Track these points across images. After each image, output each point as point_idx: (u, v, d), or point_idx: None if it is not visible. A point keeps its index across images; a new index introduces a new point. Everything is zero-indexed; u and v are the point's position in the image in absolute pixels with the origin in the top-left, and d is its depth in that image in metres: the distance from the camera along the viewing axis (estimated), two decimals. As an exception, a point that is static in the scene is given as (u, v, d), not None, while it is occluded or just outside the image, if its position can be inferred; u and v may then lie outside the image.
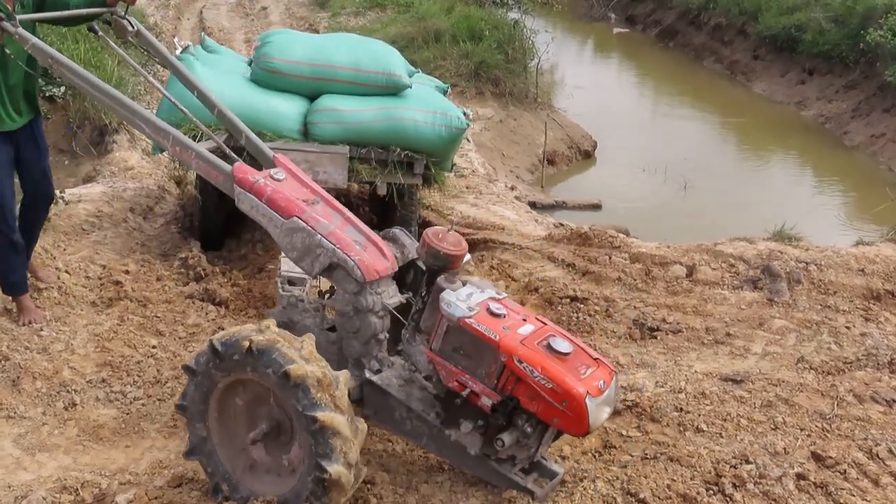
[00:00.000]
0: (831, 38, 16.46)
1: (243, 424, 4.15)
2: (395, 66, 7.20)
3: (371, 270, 4.39)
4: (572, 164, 13.36)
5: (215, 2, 19.93)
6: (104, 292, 6.44)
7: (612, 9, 24.64)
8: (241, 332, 3.97)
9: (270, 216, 4.57)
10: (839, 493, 4.47)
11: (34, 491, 4.38)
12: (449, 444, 4.29)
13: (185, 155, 4.84)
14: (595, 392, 3.98)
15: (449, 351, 4.24)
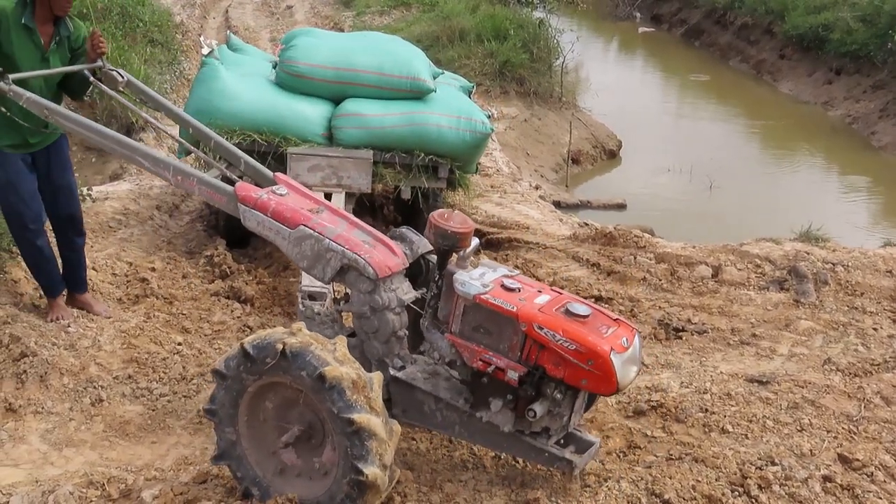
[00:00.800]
0: (859, 38, 16.35)
1: (273, 428, 4.15)
2: (420, 71, 7.19)
3: (382, 267, 4.40)
4: (597, 163, 13.33)
5: (241, 1, 20.01)
6: (131, 289, 6.49)
7: (637, 8, 24.57)
8: (272, 334, 3.97)
9: (277, 229, 4.59)
10: (866, 495, 4.44)
11: (61, 486, 4.41)
12: (481, 428, 4.29)
13: (188, 182, 4.87)
14: (619, 349, 3.99)
15: (469, 331, 4.25)
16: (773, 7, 19.26)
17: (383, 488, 3.95)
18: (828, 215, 9.53)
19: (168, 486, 4.39)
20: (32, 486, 4.46)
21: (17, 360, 5.46)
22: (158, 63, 11.78)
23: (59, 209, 5.97)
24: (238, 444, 4.17)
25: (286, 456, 4.16)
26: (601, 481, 4.42)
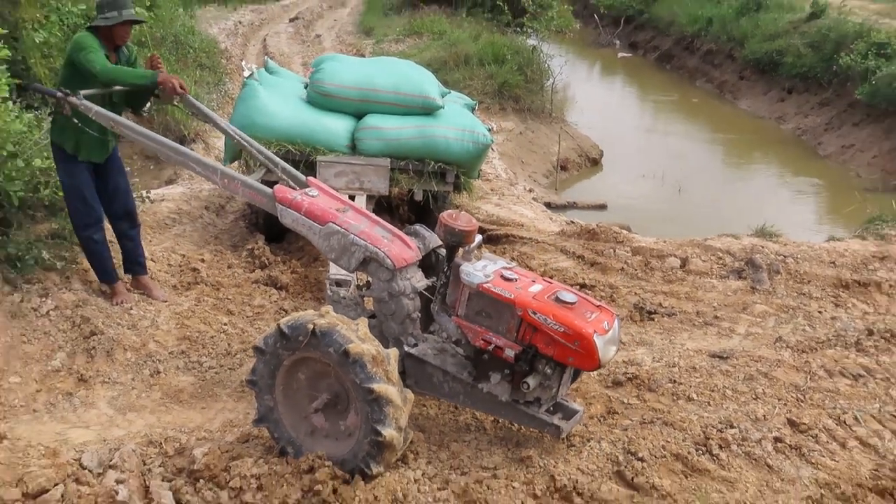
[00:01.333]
0: (808, 62, 16.28)
1: (305, 396, 4.20)
2: (430, 91, 7.24)
3: (399, 258, 4.47)
4: (582, 170, 13.31)
5: (277, 31, 19.99)
6: (183, 277, 6.52)
7: (617, 36, 24.48)
8: (304, 316, 4.03)
9: (310, 225, 4.66)
10: (811, 454, 4.46)
11: (125, 444, 4.44)
12: (482, 397, 4.37)
13: (233, 185, 4.95)
14: (601, 331, 4.08)
15: (473, 314, 4.33)
16: (734, 35, 19.18)
17: (399, 447, 4.00)
18: (780, 214, 9.52)
19: (215, 445, 4.42)
20: (101, 445, 4.49)
21: (87, 337, 5.50)
22: (206, 84, 11.80)
23: (117, 207, 6.06)
24: (275, 410, 4.22)
25: (316, 420, 4.21)
26: (584, 441, 4.44)
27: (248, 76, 7.43)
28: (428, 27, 17.72)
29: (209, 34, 15.50)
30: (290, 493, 4.11)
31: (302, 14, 22.18)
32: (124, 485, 4.15)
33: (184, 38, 12.58)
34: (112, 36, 5.67)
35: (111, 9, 5.59)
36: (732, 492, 4.10)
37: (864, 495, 4.16)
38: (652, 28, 23.81)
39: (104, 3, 5.62)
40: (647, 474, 4.20)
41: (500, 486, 4.09)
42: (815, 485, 4.23)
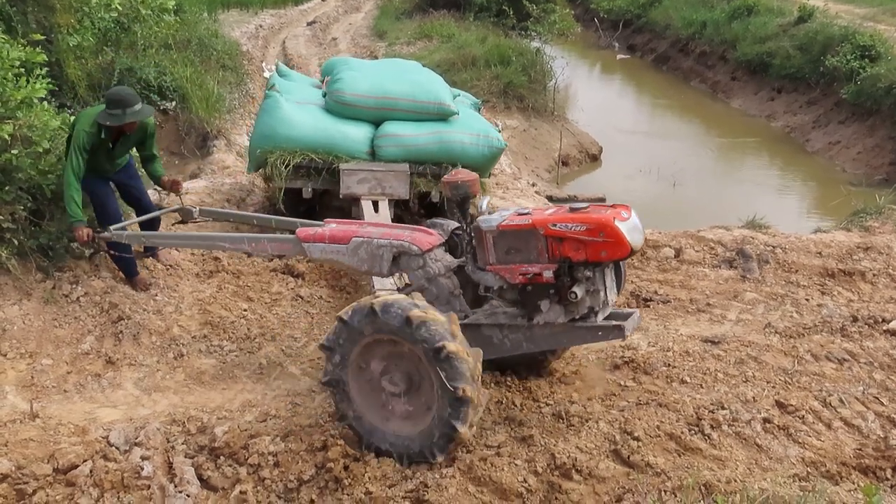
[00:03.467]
0: (796, 63, 16.13)
1: (378, 366, 4.16)
2: (444, 97, 7.21)
3: (424, 242, 4.55)
4: (582, 165, 13.23)
5: (295, 34, 19.92)
6: (206, 266, 6.49)
7: (616, 39, 24.32)
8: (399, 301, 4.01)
9: (336, 249, 4.72)
10: (798, 434, 4.43)
11: (150, 423, 4.45)
12: (542, 333, 4.35)
13: (261, 245, 5.04)
14: (621, 219, 4.08)
15: (503, 255, 4.33)
16: (727, 38, 19.01)
17: (478, 402, 3.99)
18: (769, 207, 9.42)
19: (235, 424, 4.42)
20: (127, 423, 4.50)
21: (115, 322, 5.50)
22: (228, 84, 11.75)
23: (135, 202, 6.16)
24: (344, 377, 4.16)
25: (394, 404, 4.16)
26: (583, 422, 4.42)
27: (269, 76, 7.39)
28: (437, 30, 17.63)
29: (232, 37, 15.43)
30: (305, 469, 4.12)
31: (319, 18, 22.10)
32: (149, 461, 4.16)
33: (207, 41, 12.50)
34: (118, 128, 5.71)
35: (116, 107, 5.62)
36: (723, 469, 4.07)
37: (847, 473, 4.13)
38: (649, 31, 23.63)
39: (112, 99, 5.66)
40: (642, 453, 4.17)
41: (503, 464, 4.07)
42: (802, 463, 4.20)
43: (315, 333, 5.66)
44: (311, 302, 6.05)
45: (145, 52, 10.14)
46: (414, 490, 3.92)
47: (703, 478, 3.93)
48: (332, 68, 7.83)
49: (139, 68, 9.66)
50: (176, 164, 9.61)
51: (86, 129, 5.60)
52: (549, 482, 3.98)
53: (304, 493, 4.02)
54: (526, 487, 3.93)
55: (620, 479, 4.00)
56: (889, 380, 4.95)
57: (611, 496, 3.90)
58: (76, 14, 8.57)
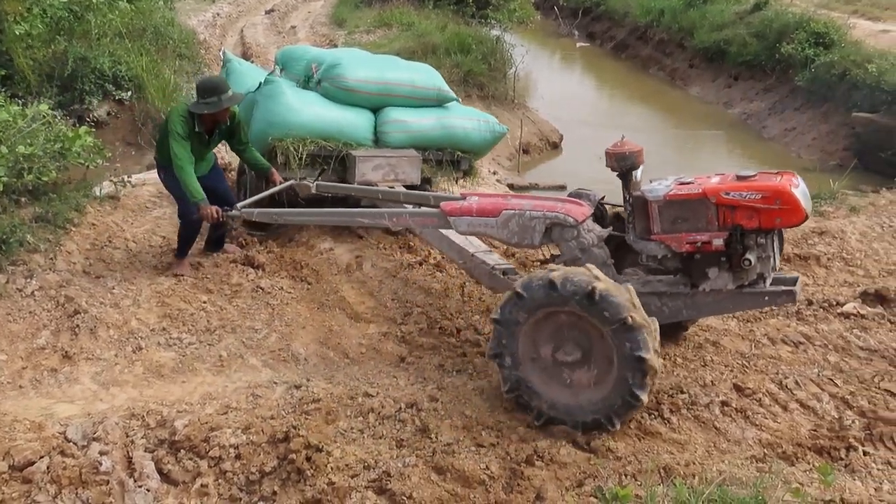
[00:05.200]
0: (752, 50, 16.32)
1: (548, 341, 4.22)
2: (441, 83, 7.28)
3: (578, 213, 4.62)
4: (543, 153, 13.28)
5: (253, 22, 19.70)
6: (164, 258, 6.40)
7: (575, 27, 24.42)
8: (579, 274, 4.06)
9: (485, 222, 4.79)
10: (755, 416, 4.50)
11: (108, 417, 4.39)
12: (706, 299, 4.42)
13: (402, 220, 5.24)
14: (794, 186, 4.16)
15: (669, 225, 4.39)
16: (684, 25, 19.17)
17: (658, 369, 4.04)
18: (727, 193, 9.54)
19: (195, 417, 4.38)
20: (85, 418, 4.42)
21: (71, 316, 5.41)
22: (185, 73, 11.58)
23: (221, 203, 5.99)
24: (513, 346, 4.20)
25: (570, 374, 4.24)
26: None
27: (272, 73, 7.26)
28: (397, 18, 17.54)
29: (188, 25, 15.22)
30: (267, 461, 4.10)
31: (277, 6, 21.87)
32: (108, 456, 4.11)
33: (163, 30, 12.30)
34: (212, 117, 5.83)
35: (211, 94, 5.76)
36: (682, 453, 4.12)
37: (803, 454, 4.21)
38: (608, 19, 23.76)
39: (205, 88, 5.77)
40: (602, 438, 4.21)
41: (465, 451, 4.07)
42: (759, 445, 4.27)
43: (276, 325, 5.61)
44: (272, 293, 6.00)
45: (99, 41, 9.95)
46: (377, 479, 3.91)
47: (662, 461, 3.98)
48: (290, 57, 7.75)
49: (93, 58, 9.47)
50: (133, 156, 9.47)
51: (181, 119, 5.71)
52: (511, 469, 4.00)
53: (266, 485, 4.00)
54: (488, 475, 3.95)
55: (582, 465, 4.04)
56: (843, 362, 5.04)
57: (572, 481, 3.94)
58: (24, 1, 8.39)
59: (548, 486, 3.88)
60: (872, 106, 12.33)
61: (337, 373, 5.01)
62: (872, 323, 5.50)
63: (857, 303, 5.74)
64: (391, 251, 6.81)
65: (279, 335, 5.51)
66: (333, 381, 4.79)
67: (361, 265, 6.49)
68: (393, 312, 5.92)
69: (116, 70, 9.70)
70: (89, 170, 7.18)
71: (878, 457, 4.21)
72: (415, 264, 6.63)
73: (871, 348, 5.16)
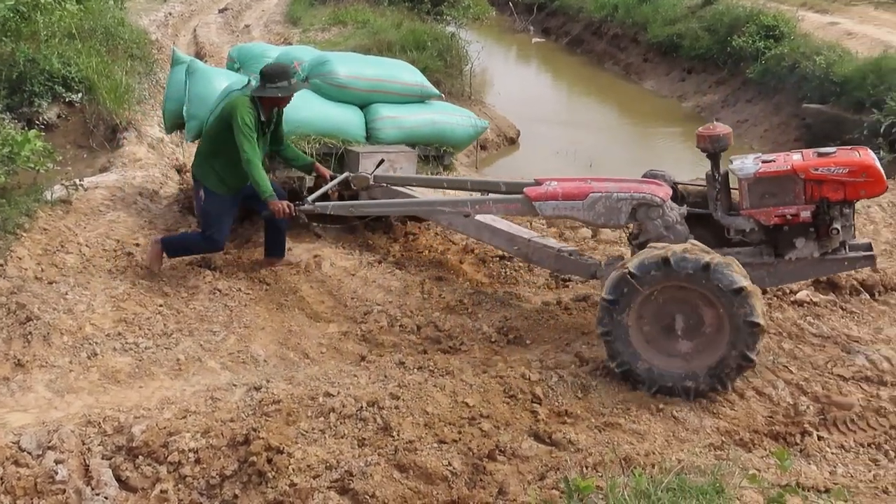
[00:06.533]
0: (705, 44, 16.51)
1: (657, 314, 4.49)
2: (424, 80, 7.42)
3: (662, 193, 4.95)
4: (500, 149, 13.32)
5: (206, 21, 19.48)
6: (118, 262, 6.30)
7: (531, 22, 24.51)
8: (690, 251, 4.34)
9: (572, 205, 5.05)
10: (713, 405, 4.57)
11: (63, 426, 4.31)
12: (790, 268, 4.86)
13: (485, 207, 5.45)
14: (875, 160, 4.62)
15: (758, 200, 4.75)
16: (638, 20, 19.33)
17: (766, 330, 4.46)
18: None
19: (153, 422, 4.32)
20: (39, 427, 4.34)
21: (23, 323, 5.29)
22: (138, 74, 11.39)
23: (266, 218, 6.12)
24: (624, 322, 4.44)
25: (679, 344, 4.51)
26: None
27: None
28: (352, 16, 17.47)
29: (140, 25, 14.97)
30: (227, 464, 4.07)
31: (231, 5, 21.64)
32: (63, 465, 4.05)
33: (114, 30, 12.09)
34: (275, 103, 5.83)
35: (281, 79, 5.72)
36: (642, 443, 4.16)
37: (760, 440, 4.28)
38: (563, 14, 23.87)
39: (274, 72, 5.75)
40: (564, 430, 4.23)
41: (427, 448, 4.07)
42: (717, 433, 4.33)
43: (234, 326, 5.56)
44: (230, 294, 5.94)
45: (48, 42, 9.74)
46: (339, 479, 3.90)
47: (623, 452, 4.01)
48: (248, 55, 7.68)
49: (42, 59, 9.28)
50: (84, 158, 9.28)
51: (248, 110, 5.65)
52: (473, 464, 4.00)
53: (228, 489, 3.96)
54: (451, 471, 3.95)
55: (544, 458, 4.06)
56: (797, 349, 5.12)
57: (535, 475, 3.95)
58: (-33, 3, 8.21)
59: (510, 480, 3.90)
60: (822, 97, 12.55)
61: (297, 373, 4.97)
62: (825, 310, 5.59)
63: (810, 290, 5.83)
64: (350, 250, 6.78)
65: (238, 337, 5.45)
66: (294, 382, 4.75)
67: (320, 265, 6.45)
68: (353, 311, 5.90)
69: (66, 71, 9.51)
70: (40, 174, 7.04)
71: (832, 441, 4.30)
72: (374, 262, 6.61)
73: (823, 335, 5.25)
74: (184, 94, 7.15)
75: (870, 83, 11.64)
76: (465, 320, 5.72)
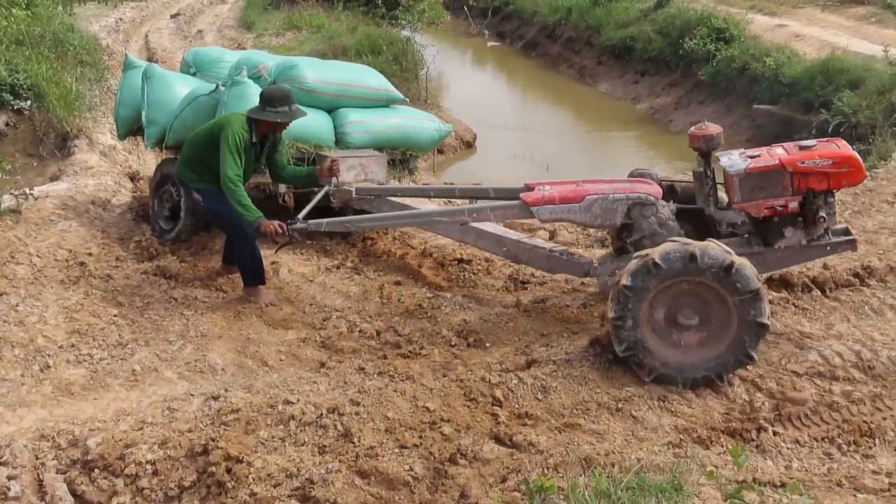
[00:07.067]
0: (657, 47, 16.74)
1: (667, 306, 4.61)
2: (389, 84, 7.46)
3: (654, 191, 5.12)
4: (457, 152, 13.35)
5: (158, 27, 19.25)
6: (71, 272, 6.19)
7: (485, 26, 24.63)
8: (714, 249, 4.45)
9: (569, 208, 5.19)
10: (671, 403, 4.59)
11: (16, 440, 4.22)
12: (777, 256, 5.11)
13: (483, 215, 5.47)
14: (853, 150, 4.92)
15: (748, 194, 4.97)
16: (591, 24, 19.53)
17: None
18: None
19: (109, 434, 4.25)
20: (-9, 443, 4.23)
21: (-28, 337, 5.17)
22: (88, 81, 11.22)
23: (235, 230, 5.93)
24: (637, 311, 4.53)
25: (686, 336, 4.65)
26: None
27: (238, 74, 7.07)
28: (307, 21, 17.41)
29: (90, 31, 14.74)
30: (186, 475, 4.02)
31: (183, 10, 21.44)
32: (16, 480, 3.97)
33: (63, 36, 11.90)
34: (272, 127, 5.70)
35: (282, 104, 5.60)
36: (602, 443, 4.20)
37: (717, 437, 4.33)
38: (517, 18, 24.04)
39: (276, 96, 5.62)
40: (524, 432, 4.24)
41: (389, 454, 4.06)
42: (675, 431, 4.37)
43: (191, 335, 5.47)
44: (186, 303, 5.86)
45: (-6, 49, 9.57)
46: (300, 488, 3.86)
47: (583, 452, 4.04)
48: (204, 59, 7.60)
49: (-12, 66, 9.11)
50: (34, 167, 9.11)
51: (241, 131, 5.51)
52: (435, 469, 4.00)
53: (186, 500, 3.91)
54: (412, 476, 3.94)
55: (505, 460, 4.06)
56: (752, 346, 5.20)
57: (496, 477, 3.96)
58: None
59: (472, 483, 3.90)
60: (772, 98, 12.80)
61: (256, 381, 4.92)
62: (778, 307, 5.68)
63: (763, 288, 5.92)
64: (308, 256, 6.74)
65: (195, 346, 5.38)
66: (252, 390, 4.70)
67: (278, 271, 6.40)
68: (311, 318, 5.86)
69: (14, 79, 9.34)
70: (-12, 184, 6.90)
71: (787, 436, 4.38)
72: (332, 268, 6.58)
73: (777, 332, 5.33)
74: (139, 99, 7.05)
75: (818, 84, 11.91)
76: (425, 324, 5.72)
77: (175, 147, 6.83)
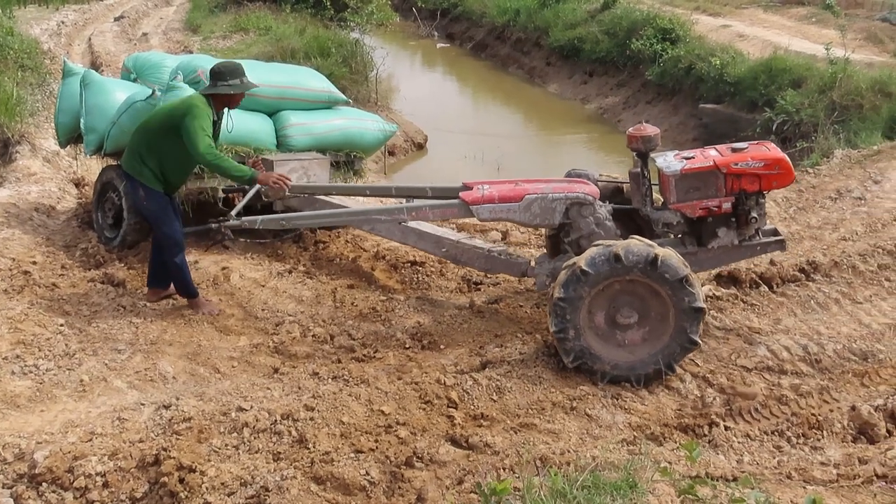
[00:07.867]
0: (605, 47, 16.92)
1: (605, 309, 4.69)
2: (331, 86, 7.42)
3: (592, 191, 5.19)
4: (408, 154, 13.34)
5: (102, 30, 18.89)
6: (14, 281, 6.04)
7: (435, 28, 24.65)
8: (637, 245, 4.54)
9: (508, 207, 5.22)
10: (624, 401, 4.63)
11: (-41, 456, 4.09)
12: (712, 255, 5.20)
13: (422, 213, 5.46)
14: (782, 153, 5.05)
15: (683, 195, 5.05)
16: (540, 25, 19.66)
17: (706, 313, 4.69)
18: (588, 186, 9.84)
19: (57, 447, 4.14)
20: (-67, 459, 4.10)
21: (-89, 350, 5.01)
22: (29, 85, 10.99)
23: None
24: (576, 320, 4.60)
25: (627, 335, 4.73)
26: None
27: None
28: (254, 23, 17.25)
29: (30, 35, 14.43)
30: (137, 486, 3.94)
31: (127, 13, 21.08)
32: (-40, 497, 3.83)
33: (2, 40, 11.65)
34: (227, 102, 5.61)
35: (233, 76, 5.51)
36: (557, 442, 4.22)
37: (670, 433, 4.39)
38: (466, 20, 24.10)
39: (226, 70, 5.54)
40: (480, 434, 4.25)
41: (344, 459, 4.03)
42: (629, 428, 4.42)
43: (140, 344, 5.38)
44: (135, 311, 5.76)
45: (-70, 53, 9.32)
46: (255, 495, 3.81)
47: (538, 452, 4.05)
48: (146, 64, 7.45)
49: (-76, 71, 8.86)
50: (-26, 174, 8.88)
51: (206, 109, 5.41)
52: (391, 472, 3.98)
53: (138, 512, 3.83)
54: (368, 480, 3.92)
55: (461, 462, 4.06)
56: (702, 342, 5.27)
57: (452, 479, 3.96)
58: None
59: (428, 486, 3.89)
60: (717, 97, 13.03)
61: (208, 389, 4.84)
62: (727, 303, 5.78)
63: (713, 285, 6.02)
64: (259, 261, 6.67)
65: (144, 354, 5.28)
66: (204, 398, 4.63)
67: (229, 277, 6.33)
68: (264, 323, 5.80)
69: (-48, 84, 9.11)
70: (-75, 192, 6.70)
71: (738, 430, 4.45)
72: (284, 272, 6.52)
73: (727, 328, 5.43)
74: (78, 106, 6.92)
75: (762, 83, 12.16)
76: (379, 327, 5.69)
77: (114, 154, 6.72)
